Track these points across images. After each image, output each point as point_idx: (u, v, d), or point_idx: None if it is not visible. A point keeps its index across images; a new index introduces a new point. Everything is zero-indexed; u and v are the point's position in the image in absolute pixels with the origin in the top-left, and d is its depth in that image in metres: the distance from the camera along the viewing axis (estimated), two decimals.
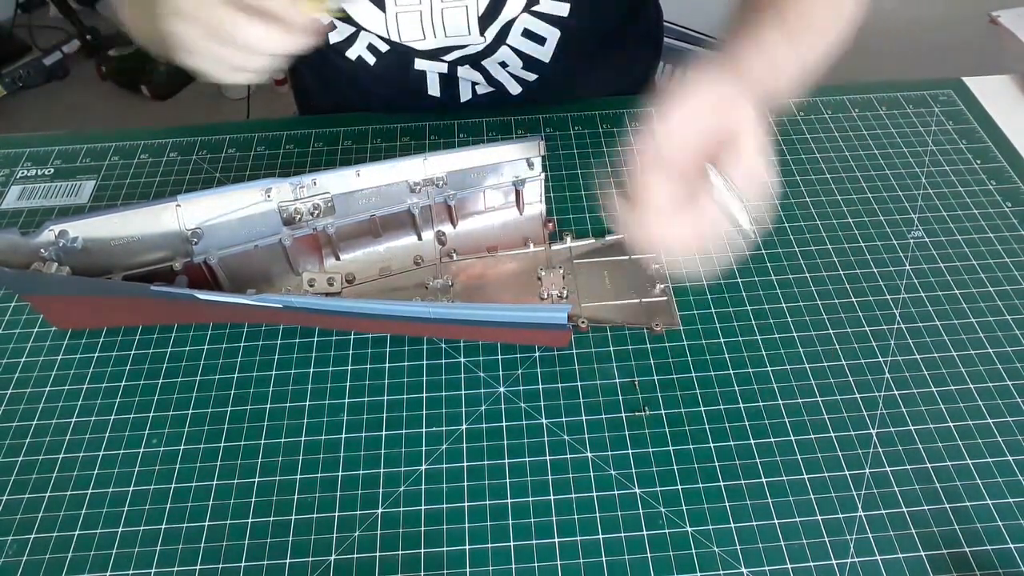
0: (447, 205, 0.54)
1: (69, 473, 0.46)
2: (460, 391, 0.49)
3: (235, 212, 0.50)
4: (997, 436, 0.46)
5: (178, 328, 0.53)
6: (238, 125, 0.68)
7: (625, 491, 0.44)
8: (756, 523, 0.42)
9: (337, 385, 0.49)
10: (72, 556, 0.42)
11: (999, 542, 0.42)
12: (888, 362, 0.49)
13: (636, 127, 0.65)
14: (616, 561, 0.41)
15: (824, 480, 0.44)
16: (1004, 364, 0.49)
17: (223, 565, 0.42)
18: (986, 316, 0.52)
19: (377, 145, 0.65)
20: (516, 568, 0.41)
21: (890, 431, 0.46)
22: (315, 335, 0.52)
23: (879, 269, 0.55)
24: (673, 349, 0.50)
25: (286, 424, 0.47)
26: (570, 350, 0.50)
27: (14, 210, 0.61)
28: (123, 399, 0.49)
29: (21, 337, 0.53)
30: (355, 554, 0.42)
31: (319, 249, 0.54)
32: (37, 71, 2.04)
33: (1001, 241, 0.56)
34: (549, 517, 0.43)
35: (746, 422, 0.47)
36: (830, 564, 0.41)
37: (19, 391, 0.50)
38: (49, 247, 0.48)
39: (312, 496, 0.44)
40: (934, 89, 0.69)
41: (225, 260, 0.51)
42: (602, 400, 0.48)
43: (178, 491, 0.45)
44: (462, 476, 0.45)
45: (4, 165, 0.65)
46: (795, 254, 0.56)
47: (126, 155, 0.65)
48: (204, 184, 0.62)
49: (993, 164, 0.62)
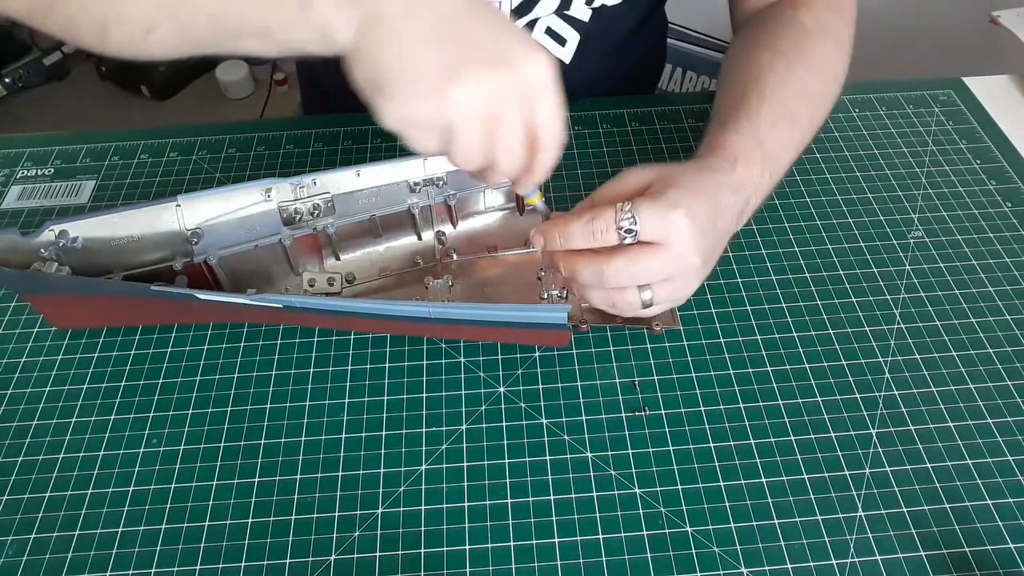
0: (447, 205, 0.54)
1: (69, 473, 0.46)
2: (460, 391, 0.49)
3: (235, 212, 0.50)
4: (997, 436, 0.46)
5: (178, 328, 0.53)
6: (238, 125, 0.68)
7: (625, 491, 0.44)
8: (756, 523, 0.42)
9: (337, 385, 0.49)
10: (72, 556, 0.42)
11: (999, 542, 0.42)
12: (888, 362, 0.49)
13: (636, 127, 0.66)
14: (616, 561, 0.41)
15: (824, 480, 0.44)
16: (1004, 364, 0.49)
17: (223, 565, 0.42)
18: (986, 316, 0.52)
19: (377, 145, 0.65)
20: (516, 568, 0.41)
21: (890, 431, 0.46)
22: (315, 335, 0.52)
23: (879, 269, 0.55)
24: (673, 349, 0.50)
25: (286, 424, 0.47)
26: (570, 350, 0.50)
27: (14, 210, 0.61)
28: (123, 399, 0.49)
29: (21, 337, 0.53)
30: (355, 554, 0.42)
31: (319, 249, 0.54)
32: (37, 71, 2.04)
33: (1001, 241, 0.56)
34: (549, 517, 0.43)
35: (746, 422, 0.47)
36: (830, 564, 0.41)
37: (19, 391, 0.50)
38: (49, 247, 0.48)
39: (312, 496, 0.44)
40: (934, 89, 0.69)
41: (225, 260, 0.51)
42: (602, 400, 0.48)
43: (178, 491, 0.45)
44: (462, 476, 0.45)
45: (4, 165, 0.65)
46: (795, 254, 0.56)
47: (126, 155, 0.65)
48: (204, 184, 0.62)
49: (993, 164, 0.62)
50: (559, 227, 0.45)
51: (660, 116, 0.67)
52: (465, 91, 0.37)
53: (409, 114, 0.38)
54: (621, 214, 0.43)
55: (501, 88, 0.38)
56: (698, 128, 0.65)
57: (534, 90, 0.39)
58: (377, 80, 0.38)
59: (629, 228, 0.43)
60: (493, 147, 0.40)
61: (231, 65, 2.03)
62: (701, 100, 0.69)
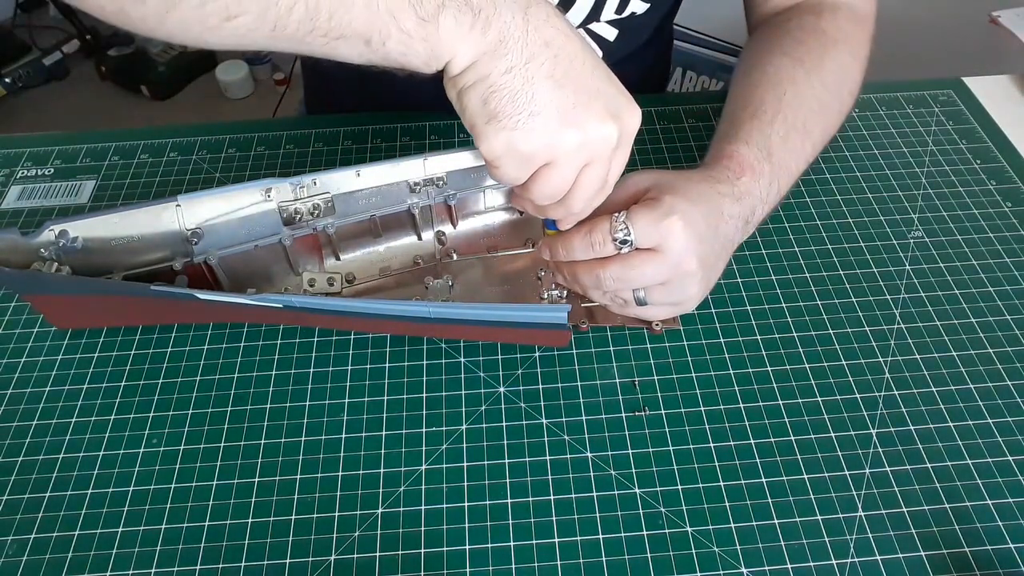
0: (447, 205, 0.54)
1: (69, 473, 0.46)
2: (460, 391, 0.49)
3: (235, 212, 0.50)
4: (997, 436, 0.46)
5: (178, 328, 0.53)
6: (238, 125, 0.68)
7: (625, 491, 0.44)
8: (756, 523, 0.42)
9: (337, 385, 0.49)
10: (72, 556, 0.42)
11: (999, 542, 0.42)
12: (888, 362, 0.49)
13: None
14: (616, 561, 0.41)
15: (824, 480, 0.44)
16: (1004, 364, 0.49)
17: (223, 565, 0.42)
18: (986, 316, 0.52)
19: (377, 145, 0.65)
20: (516, 568, 0.41)
21: (890, 431, 0.46)
22: (315, 335, 0.52)
23: (879, 269, 0.55)
24: (673, 349, 0.50)
25: (286, 424, 0.47)
26: (570, 350, 0.50)
27: (14, 210, 0.61)
28: (123, 399, 0.49)
29: (21, 337, 0.53)
30: (355, 554, 0.42)
31: (319, 249, 0.54)
32: (37, 71, 2.04)
33: (1001, 241, 0.56)
34: (549, 517, 0.43)
35: (746, 422, 0.47)
36: (830, 564, 0.41)
37: (19, 391, 0.50)
38: (49, 247, 0.48)
39: (312, 496, 0.44)
40: (934, 89, 0.69)
41: (225, 260, 0.51)
42: (602, 400, 0.48)
43: (178, 491, 0.45)
44: (462, 476, 0.45)
45: (4, 165, 0.65)
46: (795, 254, 0.56)
47: (126, 155, 0.65)
48: (204, 184, 0.62)
49: (993, 164, 0.62)
50: (562, 241, 0.47)
51: (660, 116, 0.67)
52: (576, 134, 0.39)
53: (518, 146, 0.39)
54: (616, 225, 0.45)
55: (606, 137, 0.40)
56: (698, 128, 0.65)
57: (623, 141, 0.42)
58: (492, 108, 0.38)
59: (624, 239, 0.45)
60: (576, 186, 0.42)
61: (231, 65, 2.03)
62: (701, 100, 0.69)
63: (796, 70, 0.54)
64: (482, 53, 0.37)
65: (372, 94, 0.71)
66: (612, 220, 0.45)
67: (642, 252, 0.45)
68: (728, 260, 0.50)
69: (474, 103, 0.38)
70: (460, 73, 0.38)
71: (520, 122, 0.38)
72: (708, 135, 0.58)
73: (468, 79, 0.38)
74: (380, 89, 0.71)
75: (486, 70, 0.38)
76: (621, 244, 0.45)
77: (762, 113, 0.52)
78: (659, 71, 0.81)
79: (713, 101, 0.68)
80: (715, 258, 0.48)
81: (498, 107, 0.38)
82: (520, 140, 0.39)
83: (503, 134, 0.38)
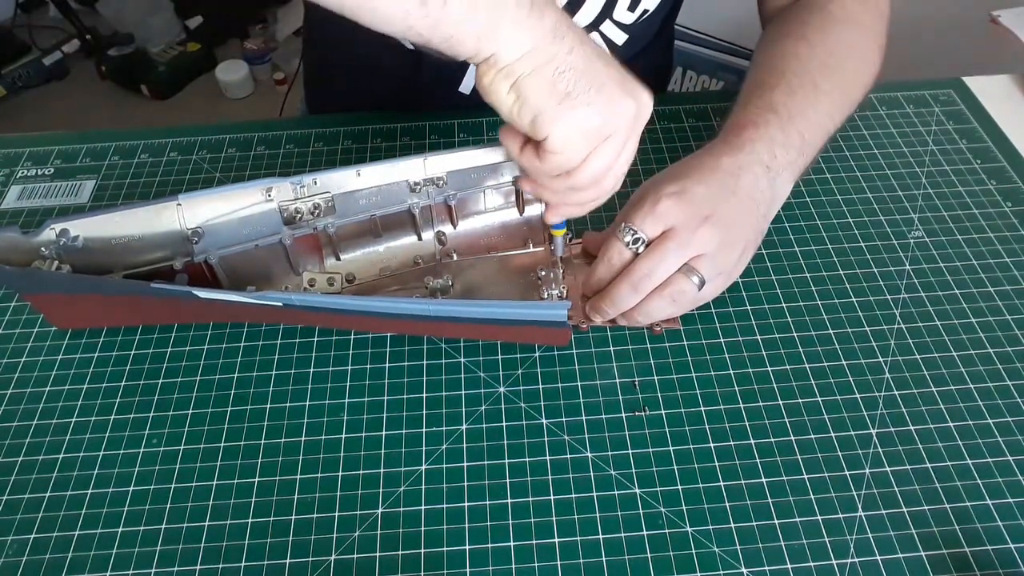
0: (447, 205, 0.54)
1: (69, 473, 0.46)
2: (460, 391, 0.49)
3: (236, 212, 0.50)
4: (997, 436, 0.46)
5: (178, 328, 0.53)
6: (238, 125, 0.68)
7: (625, 491, 0.44)
8: (756, 523, 0.42)
9: (337, 385, 0.49)
10: (72, 556, 0.42)
11: (999, 542, 0.42)
12: (888, 362, 0.49)
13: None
14: (616, 561, 0.41)
15: (824, 480, 0.44)
16: (1004, 364, 0.49)
17: (223, 565, 0.42)
18: (986, 316, 0.52)
19: (377, 145, 0.65)
20: (516, 568, 0.41)
21: (890, 431, 0.46)
22: (315, 335, 0.52)
23: (879, 269, 0.55)
24: (673, 349, 0.50)
25: (286, 424, 0.47)
26: (570, 350, 0.50)
27: (14, 210, 0.61)
28: (123, 399, 0.49)
29: (21, 337, 0.53)
30: (355, 554, 0.42)
31: (319, 249, 0.54)
32: (37, 71, 2.04)
33: (1001, 241, 0.56)
34: (549, 517, 0.43)
35: (746, 422, 0.47)
36: (830, 564, 0.41)
37: (19, 391, 0.50)
38: (50, 246, 0.48)
39: (312, 496, 0.44)
40: (934, 89, 0.69)
41: (225, 259, 0.51)
42: (602, 400, 0.48)
43: (178, 491, 0.45)
44: (462, 476, 0.45)
45: (4, 165, 0.65)
46: (795, 254, 0.56)
47: (126, 155, 0.65)
48: (204, 184, 0.62)
49: (993, 164, 0.62)
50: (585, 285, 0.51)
51: (660, 116, 0.67)
52: (632, 103, 0.41)
53: (591, 120, 0.40)
54: (621, 233, 0.47)
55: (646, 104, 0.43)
56: (698, 128, 0.65)
57: (639, 123, 0.43)
58: (563, 88, 0.39)
59: (634, 239, 0.47)
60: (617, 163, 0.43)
61: (231, 65, 2.04)
62: (701, 100, 0.69)
63: (799, 45, 0.55)
64: (540, 38, 0.38)
65: (372, 94, 0.71)
66: (617, 232, 0.47)
67: (657, 240, 0.47)
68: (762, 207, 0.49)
69: (541, 87, 0.39)
70: (518, 60, 0.39)
71: (591, 98, 0.40)
72: (708, 135, 0.58)
73: (527, 65, 0.39)
74: (380, 89, 0.71)
75: (550, 53, 0.39)
76: (634, 245, 0.47)
77: (763, 85, 0.53)
78: (661, 71, 0.82)
79: (713, 101, 0.68)
80: (734, 210, 0.48)
81: (570, 86, 0.39)
82: (593, 115, 0.40)
83: (579, 111, 0.40)
